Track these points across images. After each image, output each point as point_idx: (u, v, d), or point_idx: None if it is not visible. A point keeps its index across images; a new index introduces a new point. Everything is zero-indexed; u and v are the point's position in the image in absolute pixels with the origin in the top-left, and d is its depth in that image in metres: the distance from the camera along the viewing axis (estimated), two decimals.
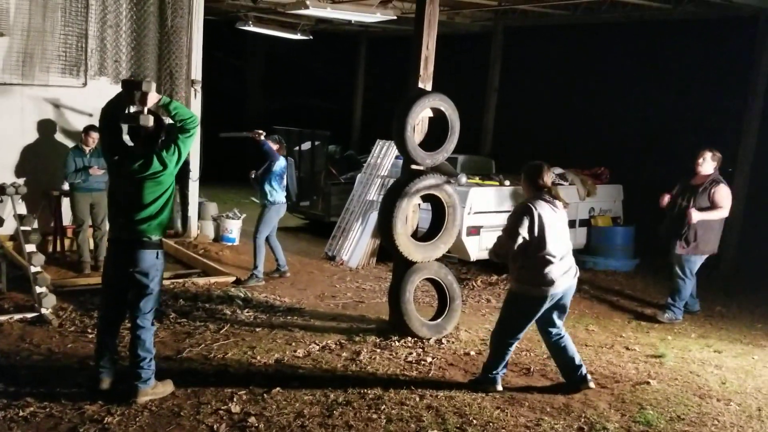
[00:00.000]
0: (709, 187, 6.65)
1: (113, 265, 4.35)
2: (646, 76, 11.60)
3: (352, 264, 8.84)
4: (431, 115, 5.99)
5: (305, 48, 15.68)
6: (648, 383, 5.04)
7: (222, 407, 4.26)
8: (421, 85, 5.96)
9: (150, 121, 4.15)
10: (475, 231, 8.27)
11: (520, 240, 4.50)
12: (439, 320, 6.04)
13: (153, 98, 4.17)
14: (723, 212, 6.68)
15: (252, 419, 4.12)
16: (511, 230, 4.56)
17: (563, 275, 4.57)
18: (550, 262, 4.52)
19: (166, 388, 4.38)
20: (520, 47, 13.06)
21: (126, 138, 4.34)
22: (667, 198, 6.90)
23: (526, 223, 4.50)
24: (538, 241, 4.52)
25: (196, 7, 9.06)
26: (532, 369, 5.26)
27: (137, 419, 4.03)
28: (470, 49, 13.94)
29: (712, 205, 6.62)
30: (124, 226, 4.24)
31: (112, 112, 4.26)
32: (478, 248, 8.32)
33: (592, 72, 12.31)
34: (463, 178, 8.75)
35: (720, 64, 10.38)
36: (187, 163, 8.94)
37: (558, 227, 4.61)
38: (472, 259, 8.45)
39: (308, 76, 18.76)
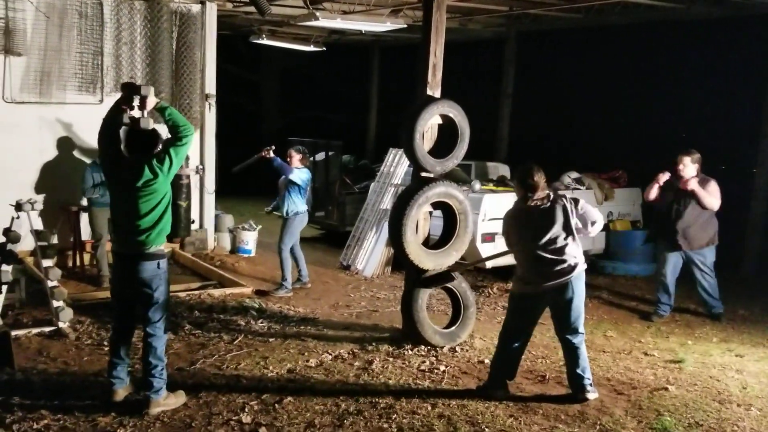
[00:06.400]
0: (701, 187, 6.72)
1: (119, 278, 4.42)
2: (663, 78, 11.49)
3: (367, 273, 8.82)
4: (440, 122, 5.97)
5: (320, 60, 15.78)
6: (666, 389, 4.95)
7: (233, 418, 4.26)
8: (429, 92, 5.95)
9: (150, 123, 4.22)
10: (489, 238, 8.20)
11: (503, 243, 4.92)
12: (452, 328, 6.00)
13: (152, 102, 4.26)
14: (716, 201, 6.71)
15: (263, 429, 4.11)
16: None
17: (545, 273, 4.56)
18: (528, 261, 4.64)
19: (179, 399, 4.40)
20: (534, 52, 13.01)
21: (123, 149, 4.37)
22: (654, 192, 6.96)
23: (504, 227, 4.86)
24: (515, 241, 4.78)
25: (209, 22, 9.18)
26: (547, 376, 5.19)
27: (149, 430, 4.05)
28: (484, 55, 13.93)
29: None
30: (125, 239, 4.29)
31: (113, 120, 4.31)
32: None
33: (608, 74, 12.22)
34: (477, 185, 8.71)
35: (737, 63, 10.26)
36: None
37: (543, 226, 4.58)
38: (488, 266, 8.38)
39: (323, 88, 18.88)
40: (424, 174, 5.93)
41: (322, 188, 11.33)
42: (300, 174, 7.57)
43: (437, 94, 5.98)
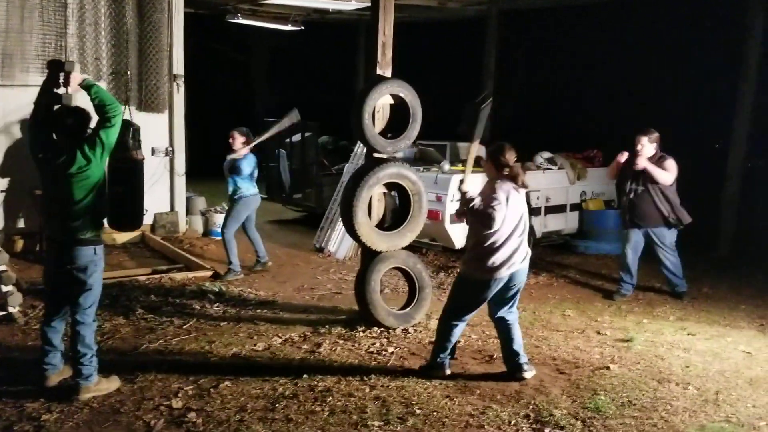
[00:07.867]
0: (657, 165, 6.67)
1: (52, 263, 4.36)
2: (641, 55, 11.33)
3: (339, 255, 8.78)
4: (392, 102, 5.88)
5: (308, 39, 15.58)
6: (608, 368, 4.90)
7: (164, 403, 4.22)
8: (379, 71, 5.86)
9: (72, 100, 4.20)
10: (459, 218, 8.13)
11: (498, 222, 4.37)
12: (407, 309, 5.96)
13: (77, 78, 4.22)
14: (669, 175, 6.66)
15: (192, 414, 4.08)
16: (490, 215, 4.36)
17: (512, 259, 4.47)
18: (501, 246, 4.43)
19: (111, 384, 4.37)
20: (515, 31, 12.83)
21: (54, 135, 4.32)
22: (614, 172, 7.00)
23: (504, 206, 4.36)
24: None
25: (176, 2, 9.04)
26: (495, 356, 5.14)
27: (75, 416, 4.02)
28: (465, 34, 13.75)
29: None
30: (59, 225, 4.24)
31: (40, 104, 4.25)
32: (462, 236, 8.19)
33: (587, 53, 12.06)
34: (446, 166, 8.63)
35: (713, 39, 10.09)
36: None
37: (519, 210, 4.50)
38: (457, 247, 8.33)
39: (312, 68, 18.68)
40: (376, 155, 5.86)
41: (299, 170, 11.24)
42: (245, 168, 7.41)
43: (388, 73, 5.90)
